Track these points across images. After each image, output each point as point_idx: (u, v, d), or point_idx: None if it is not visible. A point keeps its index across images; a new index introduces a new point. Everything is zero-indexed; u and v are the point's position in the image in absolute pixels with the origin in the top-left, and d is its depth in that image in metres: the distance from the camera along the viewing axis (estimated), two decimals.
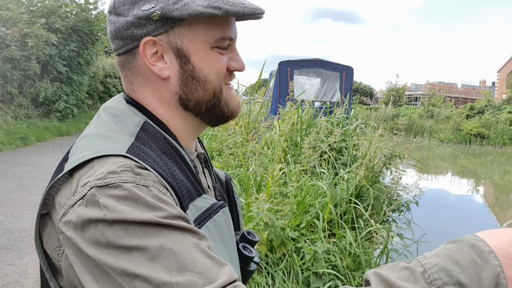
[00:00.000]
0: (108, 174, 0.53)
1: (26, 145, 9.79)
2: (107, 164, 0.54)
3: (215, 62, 0.67)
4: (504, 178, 12.49)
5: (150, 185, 0.53)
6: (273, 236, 2.79)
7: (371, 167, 3.93)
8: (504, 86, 27.94)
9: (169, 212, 0.52)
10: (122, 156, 0.56)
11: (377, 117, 20.97)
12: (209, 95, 0.68)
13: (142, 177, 0.54)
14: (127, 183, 0.52)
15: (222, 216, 0.66)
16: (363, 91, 48.54)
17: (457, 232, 6.55)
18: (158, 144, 0.63)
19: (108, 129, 0.63)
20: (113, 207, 0.50)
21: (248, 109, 6.45)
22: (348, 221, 3.47)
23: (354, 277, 2.93)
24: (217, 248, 0.61)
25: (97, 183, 0.52)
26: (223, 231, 0.65)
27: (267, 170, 4.05)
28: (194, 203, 0.63)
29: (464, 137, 21.97)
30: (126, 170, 0.53)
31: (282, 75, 8.89)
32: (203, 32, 0.65)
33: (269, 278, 2.81)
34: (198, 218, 0.62)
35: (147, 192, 0.52)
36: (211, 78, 0.67)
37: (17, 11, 11.26)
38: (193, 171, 0.67)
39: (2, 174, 6.55)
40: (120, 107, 0.68)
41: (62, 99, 12.96)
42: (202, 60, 0.66)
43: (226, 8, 0.60)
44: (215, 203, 0.66)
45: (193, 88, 0.67)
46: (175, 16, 0.61)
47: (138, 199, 0.51)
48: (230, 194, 0.86)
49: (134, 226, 0.49)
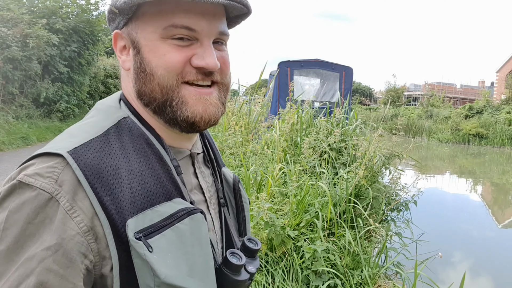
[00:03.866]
0: (35, 174, 0.53)
1: (27, 145, 9.83)
2: (42, 163, 0.55)
3: (164, 55, 0.61)
4: (502, 178, 12.52)
5: (62, 201, 0.52)
6: (273, 235, 2.82)
7: (370, 167, 3.96)
8: (503, 86, 27.95)
9: (37, 248, 0.50)
10: (60, 156, 0.55)
11: (376, 117, 20.99)
12: (157, 92, 0.62)
13: (62, 190, 0.53)
14: (44, 192, 0.52)
15: (189, 224, 0.60)
16: (362, 92, 48.53)
17: (455, 231, 6.59)
18: (132, 141, 0.62)
19: (81, 124, 0.64)
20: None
21: (248, 109, 6.49)
22: (347, 220, 3.50)
23: (353, 276, 2.96)
24: (173, 259, 0.57)
25: (21, 178, 0.53)
26: (186, 241, 0.59)
27: (267, 170, 4.09)
28: (155, 208, 0.58)
29: (463, 137, 21.99)
30: (51, 176, 0.53)
31: (282, 75, 8.92)
32: (152, 22, 0.61)
33: (269, 276, 2.84)
34: (156, 224, 0.57)
35: (51, 212, 0.52)
36: (157, 72, 0.61)
37: (18, 11, 11.28)
38: (171, 171, 0.63)
39: (4, 174, 6.58)
40: (107, 103, 0.68)
41: (63, 99, 12.99)
42: (150, 52, 0.62)
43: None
44: (182, 209, 0.60)
45: (142, 81, 0.63)
46: (118, 7, 0.61)
47: (24, 219, 0.51)
48: (237, 197, 0.81)
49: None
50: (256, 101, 6.76)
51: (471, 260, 5.43)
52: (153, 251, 0.55)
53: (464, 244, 5.99)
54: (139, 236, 0.55)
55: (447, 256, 5.10)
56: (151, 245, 0.55)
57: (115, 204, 0.55)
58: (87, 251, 0.53)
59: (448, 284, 3.17)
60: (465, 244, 6.03)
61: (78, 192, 0.54)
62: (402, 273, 3.20)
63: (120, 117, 0.64)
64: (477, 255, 5.62)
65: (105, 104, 0.68)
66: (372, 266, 3.12)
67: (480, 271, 5.11)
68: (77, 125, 0.64)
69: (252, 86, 8.42)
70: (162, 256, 0.56)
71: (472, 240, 6.26)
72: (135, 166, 0.60)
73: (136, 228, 0.55)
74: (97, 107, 0.68)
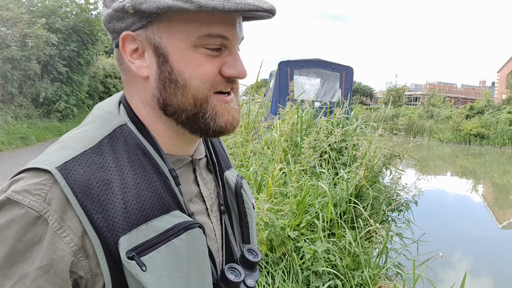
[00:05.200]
0: (23, 191, 0.52)
1: (27, 145, 9.81)
2: (32, 178, 0.53)
3: (199, 66, 0.58)
4: (503, 178, 12.51)
5: (50, 220, 0.51)
6: (273, 235, 2.81)
7: (371, 167, 3.95)
8: (504, 86, 27.96)
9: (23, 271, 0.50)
10: (49, 172, 0.53)
11: (377, 117, 21.00)
12: (189, 103, 0.59)
13: (50, 208, 0.51)
14: (32, 210, 0.51)
15: (186, 239, 0.57)
16: (363, 91, 48.56)
17: (456, 231, 6.57)
18: (128, 152, 0.59)
19: (76, 133, 0.61)
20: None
21: (248, 109, 6.47)
22: (347, 221, 3.49)
23: (353, 277, 2.94)
24: (168, 278, 0.55)
25: (10, 194, 0.52)
26: (182, 258, 0.56)
27: (267, 170, 4.07)
28: (151, 222, 0.56)
29: (463, 137, 21.99)
30: (39, 194, 0.52)
31: (282, 75, 8.91)
32: (183, 28, 0.56)
33: (269, 277, 2.82)
34: (151, 240, 0.55)
35: (41, 230, 0.51)
36: (192, 84, 0.58)
37: (17, 11, 11.26)
38: (168, 182, 0.60)
39: (3, 174, 6.57)
40: (105, 108, 0.64)
41: (62, 99, 12.97)
42: (182, 61, 0.58)
43: (199, 2, 0.51)
44: (179, 223, 0.58)
45: (172, 92, 0.59)
46: (143, 9, 0.54)
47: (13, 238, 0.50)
48: (240, 203, 0.77)
49: None
50: (256, 100, 6.74)
51: (471, 260, 5.41)
52: (146, 269, 0.53)
53: (464, 244, 5.97)
54: (132, 255, 0.53)
55: (447, 256, 5.08)
56: (145, 263, 0.53)
57: (107, 221, 0.53)
58: (78, 269, 0.53)
59: (449, 284, 3.15)
60: (466, 244, 6.01)
61: (67, 211, 0.52)
62: (402, 274, 3.18)
63: (116, 125, 0.61)
64: (477, 255, 5.61)
65: (103, 109, 0.65)
66: (372, 266, 3.10)
67: (480, 271, 5.09)
68: (72, 133, 0.62)
69: (252, 86, 8.40)
70: (156, 275, 0.54)
71: (472, 240, 6.24)
72: (130, 178, 0.57)
73: (129, 246, 0.54)
74: (94, 112, 0.65)
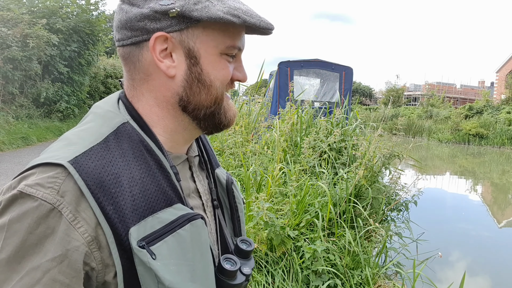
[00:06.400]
0: (36, 184, 0.53)
1: (28, 145, 9.83)
2: (43, 173, 0.54)
3: (222, 69, 0.66)
4: (502, 177, 12.53)
5: (65, 211, 0.53)
6: (273, 235, 2.83)
7: (370, 167, 3.97)
8: (503, 87, 27.97)
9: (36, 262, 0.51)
10: (61, 165, 0.55)
11: (376, 117, 21.01)
12: (211, 101, 0.67)
13: (64, 200, 0.53)
14: (46, 203, 0.52)
15: (190, 230, 0.61)
16: (362, 92, 48.51)
17: (455, 231, 6.59)
18: (132, 148, 0.62)
19: (79, 130, 0.63)
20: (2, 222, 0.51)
21: (248, 109, 6.49)
22: (347, 220, 3.51)
23: (353, 276, 2.96)
24: (175, 266, 0.58)
25: (22, 188, 0.53)
26: (187, 247, 0.61)
27: (267, 170, 4.10)
28: (156, 215, 0.60)
29: (463, 137, 22.01)
30: (52, 187, 0.53)
31: (282, 75, 8.93)
32: (216, 37, 0.64)
33: (269, 276, 2.84)
34: (158, 231, 0.58)
35: (54, 222, 0.52)
36: (216, 84, 0.66)
37: (18, 11, 11.27)
38: (170, 178, 0.64)
39: (4, 174, 6.59)
40: (105, 107, 0.67)
41: (63, 99, 12.97)
42: (210, 65, 0.65)
43: (245, 18, 0.61)
44: (183, 215, 0.62)
45: (197, 91, 0.66)
46: (193, 16, 0.60)
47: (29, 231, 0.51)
48: (231, 198, 0.83)
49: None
50: (256, 101, 6.76)
51: (470, 260, 5.44)
52: (156, 258, 0.56)
53: (463, 244, 6.00)
54: (142, 244, 0.56)
55: (446, 255, 5.10)
56: (154, 252, 0.56)
57: (118, 213, 0.56)
58: (91, 260, 0.55)
59: (448, 283, 3.17)
60: (465, 243, 6.03)
61: (81, 202, 0.54)
62: (402, 273, 3.20)
63: (119, 122, 0.63)
64: (476, 254, 5.63)
65: (103, 108, 0.67)
66: (372, 266, 3.12)
67: (479, 270, 5.11)
68: (75, 131, 0.63)
69: (252, 86, 8.42)
70: (165, 262, 0.57)
71: (471, 240, 6.26)
72: (136, 173, 0.60)
73: (138, 236, 0.57)
74: (94, 111, 0.67)
